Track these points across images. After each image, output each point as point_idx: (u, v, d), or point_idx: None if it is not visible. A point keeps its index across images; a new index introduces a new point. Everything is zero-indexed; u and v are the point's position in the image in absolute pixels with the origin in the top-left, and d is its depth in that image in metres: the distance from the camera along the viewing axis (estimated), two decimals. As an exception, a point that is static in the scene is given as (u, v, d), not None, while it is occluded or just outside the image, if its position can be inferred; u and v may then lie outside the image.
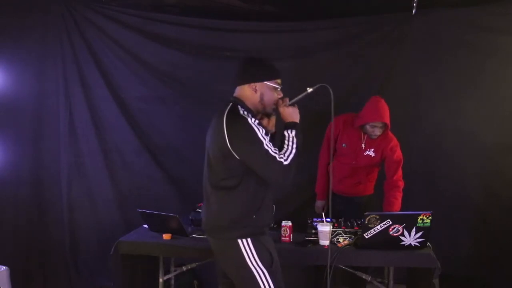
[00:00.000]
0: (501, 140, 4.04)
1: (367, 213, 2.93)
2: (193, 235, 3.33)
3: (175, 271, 3.68)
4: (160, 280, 3.48)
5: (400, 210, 3.51)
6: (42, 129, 4.28)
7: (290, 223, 3.24)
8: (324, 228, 3.11)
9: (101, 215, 4.33)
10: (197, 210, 3.69)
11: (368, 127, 3.57)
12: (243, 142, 2.46)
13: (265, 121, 2.69)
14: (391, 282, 3.37)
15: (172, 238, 3.26)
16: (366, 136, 3.65)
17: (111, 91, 4.27)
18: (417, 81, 4.13)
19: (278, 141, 2.56)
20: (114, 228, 4.14)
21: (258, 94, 2.59)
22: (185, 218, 3.59)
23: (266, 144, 2.43)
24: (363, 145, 3.66)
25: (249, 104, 2.60)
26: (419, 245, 2.98)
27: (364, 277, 3.40)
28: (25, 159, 4.25)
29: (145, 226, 3.56)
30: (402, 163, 3.62)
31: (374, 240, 2.95)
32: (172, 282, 3.81)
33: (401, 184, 3.59)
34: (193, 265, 3.67)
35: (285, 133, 2.57)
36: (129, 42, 4.26)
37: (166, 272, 3.62)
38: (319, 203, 3.87)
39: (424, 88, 4.14)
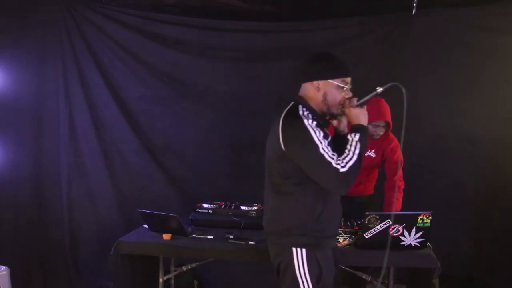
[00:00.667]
0: (501, 140, 4.05)
1: (367, 213, 2.93)
2: (193, 235, 3.33)
3: (175, 271, 3.68)
4: (160, 280, 3.48)
5: (400, 210, 3.51)
6: (42, 129, 4.27)
7: (290, 223, 3.24)
8: (324, 228, 3.11)
9: (101, 215, 4.33)
10: (197, 210, 3.69)
11: (370, 127, 3.56)
12: (297, 144, 2.31)
13: (335, 122, 2.53)
14: (391, 282, 3.37)
15: (172, 238, 3.25)
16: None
17: (111, 91, 4.27)
18: (417, 81, 4.13)
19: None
20: (114, 228, 4.14)
21: (321, 93, 2.40)
22: (185, 218, 3.59)
23: (323, 148, 2.25)
24: None
25: (312, 104, 2.42)
26: (419, 245, 2.98)
27: (364, 277, 3.41)
28: (25, 159, 4.24)
29: (145, 226, 3.56)
30: (402, 164, 3.62)
31: (374, 240, 2.95)
32: (172, 282, 3.81)
33: (402, 184, 3.59)
34: (193, 265, 3.68)
35: (349, 136, 2.36)
36: (129, 42, 4.26)
37: (166, 272, 3.62)
38: None
39: (424, 88, 4.14)
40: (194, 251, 3.21)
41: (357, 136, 2.36)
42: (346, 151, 2.32)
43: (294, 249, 2.39)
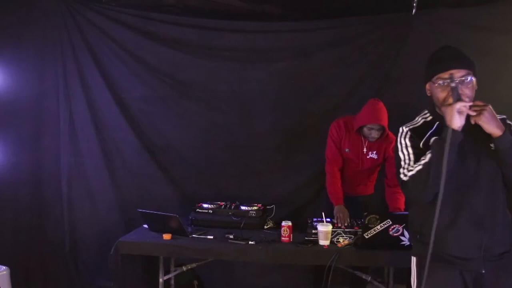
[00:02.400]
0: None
1: (367, 213, 2.94)
2: (193, 235, 3.33)
3: (175, 271, 3.69)
4: (160, 280, 3.48)
5: (400, 210, 3.51)
6: (42, 129, 4.27)
7: (290, 223, 3.25)
8: (324, 228, 3.11)
9: (101, 215, 4.32)
10: (197, 210, 3.69)
11: (365, 129, 3.56)
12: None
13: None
14: (391, 282, 3.37)
15: (172, 238, 3.26)
16: (366, 139, 3.64)
17: (111, 91, 4.27)
18: (416, 81, 4.12)
19: None
20: (114, 228, 4.14)
21: (431, 96, 2.32)
22: (185, 218, 3.60)
23: (402, 152, 2.19)
24: (364, 149, 3.64)
25: (437, 108, 2.30)
26: (419, 245, 2.98)
27: (364, 277, 3.41)
28: (25, 159, 4.24)
29: (145, 226, 3.57)
30: None
31: (374, 240, 2.95)
32: (172, 282, 3.81)
33: None
34: (193, 265, 3.68)
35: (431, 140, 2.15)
36: (129, 42, 4.25)
37: (166, 272, 3.63)
38: (340, 209, 3.58)
39: (424, 88, 4.13)
40: (194, 251, 3.21)
41: (432, 140, 2.12)
42: (423, 157, 2.11)
43: (412, 256, 2.29)
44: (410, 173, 2.11)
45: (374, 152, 3.63)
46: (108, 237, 3.91)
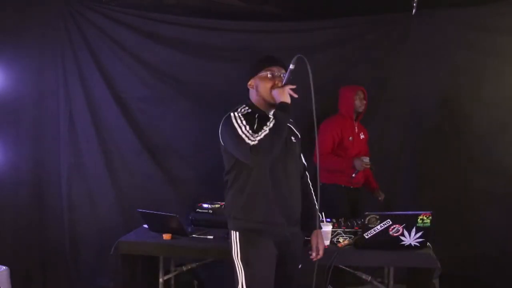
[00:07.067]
0: (501, 140, 4.05)
1: (367, 213, 2.94)
2: (193, 235, 3.33)
3: (175, 271, 3.69)
4: (160, 280, 3.48)
5: (400, 210, 3.51)
6: (42, 129, 4.27)
7: (290, 223, 3.24)
8: (324, 228, 3.11)
9: (101, 215, 4.32)
10: (197, 210, 3.69)
11: (357, 103, 3.88)
12: (222, 132, 2.57)
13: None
14: (391, 282, 3.37)
15: (172, 238, 3.26)
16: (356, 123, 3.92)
17: (111, 91, 4.26)
18: (416, 81, 4.14)
19: None
20: (114, 228, 4.13)
21: (255, 87, 2.67)
22: (185, 218, 3.60)
23: (241, 129, 2.47)
24: (356, 128, 3.92)
25: (253, 100, 2.69)
26: (419, 245, 2.98)
27: (364, 277, 3.41)
28: (25, 159, 4.24)
29: (145, 226, 3.57)
30: None
31: (374, 240, 2.95)
32: (172, 282, 3.81)
33: None
34: (193, 265, 3.68)
35: (269, 115, 2.60)
36: (129, 42, 4.25)
37: (166, 272, 3.63)
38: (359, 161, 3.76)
39: (424, 88, 4.14)
40: (194, 251, 3.21)
41: (271, 112, 2.59)
42: (264, 127, 2.46)
43: (232, 232, 2.61)
44: (258, 138, 2.40)
45: (362, 133, 3.95)
46: (108, 237, 3.90)
